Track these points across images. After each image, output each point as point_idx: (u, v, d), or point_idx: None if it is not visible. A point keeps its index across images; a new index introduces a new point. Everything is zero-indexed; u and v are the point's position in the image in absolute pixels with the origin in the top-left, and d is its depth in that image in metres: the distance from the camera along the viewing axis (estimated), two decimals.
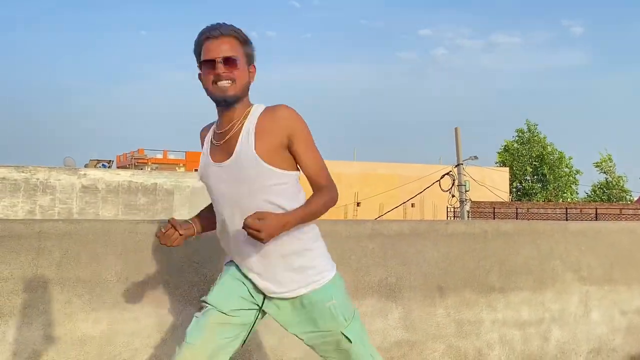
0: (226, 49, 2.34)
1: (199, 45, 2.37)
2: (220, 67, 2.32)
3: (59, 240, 2.99)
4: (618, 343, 4.33)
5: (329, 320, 2.36)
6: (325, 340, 2.39)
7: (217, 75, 2.32)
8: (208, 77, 2.34)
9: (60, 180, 20.50)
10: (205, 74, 2.35)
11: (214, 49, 2.33)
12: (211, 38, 2.35)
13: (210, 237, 3.22)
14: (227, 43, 2.35)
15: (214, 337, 2.32)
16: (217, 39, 2.34)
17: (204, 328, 2.33)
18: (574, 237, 4.29)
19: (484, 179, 31.71)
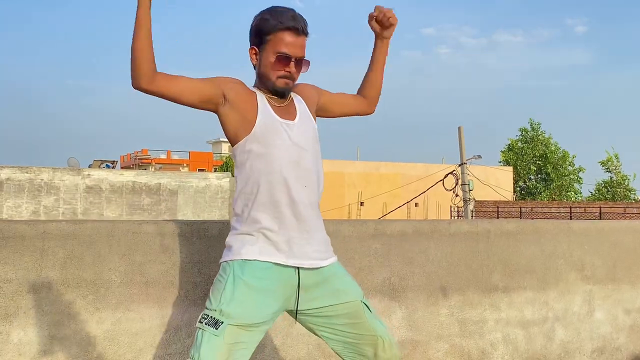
0: (303, 49, 2.37)
1: (273, 29, 2.33)
2: (293, 66, 2.34)
3: (63, 241, 3.00)
4: (622, 342, 4.32)
5: (351, 289, 2.43)
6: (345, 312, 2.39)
7: (286, 73, 2.34)
8: (276, 70, 2.35)
9: (64, 180, 20.54)
10: (275, 65, 2.34)
11: (295, 46, 2.34)
12: (293, 31, 2.33)
13: (214, 238, 3.23)
14: (303, 42, 2.37)
15: (233, 352, 2.25)
16: (299, 35, 2.34)
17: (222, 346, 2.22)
18: (578, 236, 4.29)
19: (487, 178, 31.68)
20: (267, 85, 2.38)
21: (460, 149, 21.72)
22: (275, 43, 2.32)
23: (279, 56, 2.32)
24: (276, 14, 2.33)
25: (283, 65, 2.33)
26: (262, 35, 2.35)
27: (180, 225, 3.24)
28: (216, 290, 2.32)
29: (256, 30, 2.36)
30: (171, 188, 22.06)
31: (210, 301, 2.30)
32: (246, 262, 2.32)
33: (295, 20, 2.33)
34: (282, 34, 2.31)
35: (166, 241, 3.17)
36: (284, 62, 2.33)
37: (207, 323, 2.24)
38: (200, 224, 3.29)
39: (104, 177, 21.20)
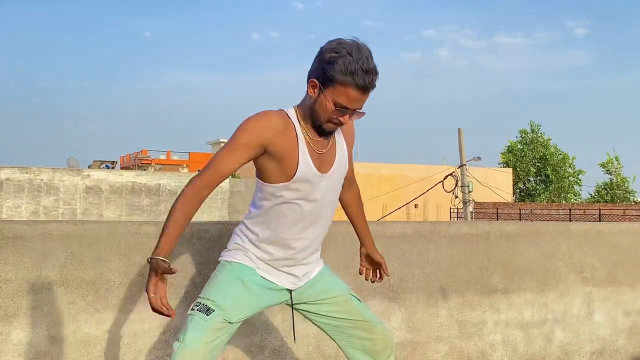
0: (364, 102, 2.31)
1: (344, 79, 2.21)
2: (348, 117, 2.31)
3: (63, 241, 3.00)
4: (621, 344, 4.32)
5: (337, 286, 2.63)
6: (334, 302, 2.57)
7: (339, 122, 2.32)
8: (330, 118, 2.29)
9: (64, 181, 20.55)
10: (331, 114, 2.28)
11: (357, 101, 2.27)
12: (362, 89, 2.24)
13: (213, 239, 3.23)
14: (366, 99, 2.30)
15: (215, 341, 2.33)
16: (366, 92, 2.27)
17: (207, 331, 2.31)
18: (577, 238, 4.29)
19: (487, 179, 31.69)
20: (315, 124, 2.33)
21: (460, 150, 21.72)
22: (339, 93, 2.24)
23: (339, 109, 2.27)
24: (354, 60, 2.20)
25: (339, 115, 2.29)
26: (329, 77, 2.23)
27: None
28: (212, 283, 2.43)
29: (326, 65, 2.23)
30: (171, 189, 22.06)
31: (205, 291, 2.41)
32: (247, 267, 2.46)
33: (367, 74, 2.21)
34: (349, 90, 2.23)
35: None
36: (341, 113, 2.29)
37: (198, 309, 2.34)
38: (200, 225, 3.29)
39: (104, 177, 21.20)
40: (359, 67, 2.20)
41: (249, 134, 2.25)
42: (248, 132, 2.26)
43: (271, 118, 2.29)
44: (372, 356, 2.61)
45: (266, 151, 2.29)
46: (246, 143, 2.25)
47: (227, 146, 2.29)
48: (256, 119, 2.28)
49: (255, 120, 2.27)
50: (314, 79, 2.27)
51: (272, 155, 2.30)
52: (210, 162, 2.30)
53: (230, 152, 2.27)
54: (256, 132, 2.26)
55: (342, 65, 2.20)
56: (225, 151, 2.28)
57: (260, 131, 2.25)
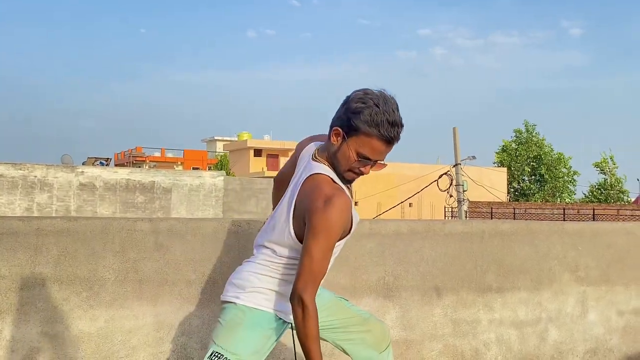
0: (386, 154, 2.30)
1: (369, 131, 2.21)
2: (369, 169, 2.31)
3: (57, 237, 2.99)
4: (615, 343, 4.33)
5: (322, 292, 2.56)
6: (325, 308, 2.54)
7: (360, 172, 2.31)
8: (351, 165, 2.28)
9: (57, 177, 20.49)
10: (352, 163, 2.27)
11: (381, 153, 2.27)
12: (387, 141, 2.24)
13: (208, 236, 3.23)
14: (389, 150, 2.30)
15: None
16: (391, 145, 2.27)
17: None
18: (571, 237, 4.30)
19: (481, 179, 31.74)
20: (336, 171, 2.33)
21: (455, 149, 21.75)
22: (363, 144, 2.24)
23: (362, 159, 2.27)
24: (377, 114, 2.20)
25: (360, 165, 2.29)
26: (355, 124, 2.22)
27: (175, 223, 3.23)
28: (233, 333, 2.31)
29: (352, 115, 2.23)
30: (165, 186, 22.02)
31: (226, 341, 2.29)
32: (267, 314, 2.36)
33: (392, 127, 2.22)
34: (374, 141, 2.23)
35: (160, 239, 3.16)
36: (363, 164, 2.29)
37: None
38: (195, 222, 3.28)
39: (98, 174, 21.14)
40: (385, 119, 2.20)
41: (341, 231, 2.25)
42: (339, 229, 2.24)
43: (348, 204, 2.25)
44: (374, 347, 2.63)
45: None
46: (337, 239, 2.26)
47: (322, 247, 2.20)
48: (342, 212, 2.22)
49: (342, 214, 2.23)
50: (338, 127, 2.26)
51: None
52: (313, 264, 2.20)
53: (328, 253, 2.23)
54: (345, 226, 2.27)
55: (368, 116, 2.19)
56: (323, 252, 2.21)
57: (347, 223, 2.28)
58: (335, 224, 2.20)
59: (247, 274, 2.37)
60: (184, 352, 3.14)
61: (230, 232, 3.30)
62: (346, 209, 2.23)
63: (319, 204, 2.19)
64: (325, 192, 2.22)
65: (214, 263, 3.22)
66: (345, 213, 2.22)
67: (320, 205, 2.19)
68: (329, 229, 2.19)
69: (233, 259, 3.22)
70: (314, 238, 2.18)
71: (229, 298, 2.36)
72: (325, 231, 2.18)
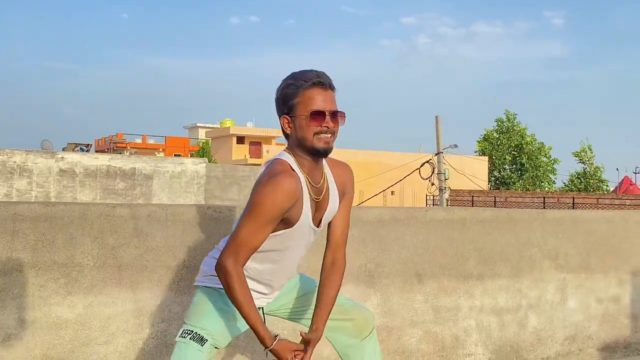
0: (334, 102, 2.31)
1: (298, 90, 2.27)
2: (329, 120, 2.29)
3: (35, 223, 2.94)
4: (593, 330, 4.37)
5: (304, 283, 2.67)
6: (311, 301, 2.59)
7: (323, 128, 2.28)
8: (311, 128, 2.28)
9: (37, 163, 20.27)
10: (311, 124, 2.27)
11: (325, 101, 2.28)
12: (320, 86, 2.28)
13: (188, 223, 3.20)
14: (332, 95, 2.32)
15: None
16: (324, 89, 2.29)
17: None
18: (552, 225, 4.32)
19: (463, 167, 31.87)
20: (307, 148, 2.31)
21: (437, 138, 21.80)
22: (305, 103, 2.27)
23: (313, 113, 2.27)
24: (298, 76, 2.31)
25: (319, 122, 2.28)
26: (291, 100, 2.29)
27: (155, 209, 3.20)
28: (201, 310, 2.40)
29: (283, 98, 2.31)
30: (146, 173, 21.86)
31: (195, 318, 2.38)
32: None
33: (319, 76, 2.29)
34: (310, 92, 2.27)
35: (140, 225, 3.12)
36: (319, 118, 2.28)
37: (191, 338, 2.34)
38: (175, 208, 3.25)
39: (78, 160, 20.93)
40: (305, 72, 2.30)
41: (274, 210, 2.23)
42: (273, 208, 2.22)
43: (290, 185, 2.24)
44: (355, 335, 2.63)
45: (282, 218, 2.29)
46: (270, 220, 2.24)
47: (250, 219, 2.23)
48: (279, 191, 2.22)
49: (279, 194, 2.22)
50: (282, 116, 2.33)
51: (283, 219, 2.30)
52: (238, 235, 2.24)
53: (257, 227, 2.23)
54: (279, 206, 2.23)
55: (293, 82, 2.30)
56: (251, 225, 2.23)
57: (283, 203, 2.24)
58: (268, 201, 2.21)
59: (210, 260, 2.48)
60: (163, 338, 3.11)
61: (211, 219, 3.27)
62: (287, 191, 2.22)
63: (263, 180, 2.25)
64: (273, 171, 2.27)
65: (194, 249, 3.19)
66: (283, 194, 2.22)
67: (263, 181, 2.25)
68: (259, 204, 2.22)
69: (214, 246, 3.19)
70: (245, 210, 2.26)
71: (197, 282, 2.49)
72: (256, 205, 2.22)
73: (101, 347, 3.02)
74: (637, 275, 4.56)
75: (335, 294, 2.51)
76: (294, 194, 2.25)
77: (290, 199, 2.24)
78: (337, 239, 2.55)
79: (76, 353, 2.97)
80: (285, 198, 2.23)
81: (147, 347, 3.10)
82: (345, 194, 2.52)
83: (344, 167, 2.53)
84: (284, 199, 2.22)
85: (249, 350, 3.33)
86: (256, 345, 3.33)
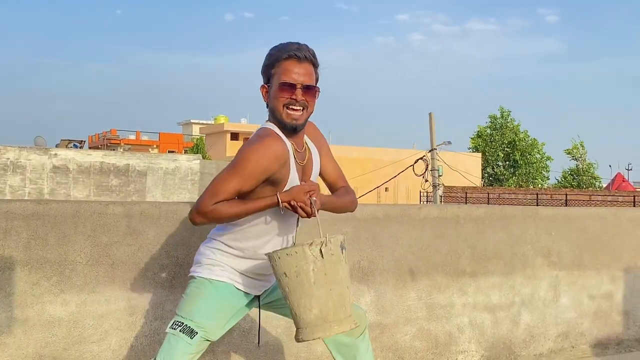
0: (308, 76, 2.33)
1: (276, 61, 2.33)
2: (299, 93, 2.31)
3: (27, 221, 2.93)
4: (586, 327, 4.39)
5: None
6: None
7: (292, 100, 2.30)
8: (281, 99, 2.31)
9: (30, 160, 20.19)
10: (280, 95, 2.31)
11: (297, 74, 2.31)
12: (294, 59, 2.31)
13: (182, 220, 3.19)
14: (308, 69, 2.34)
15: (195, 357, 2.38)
16: (300, 62, 2.32)
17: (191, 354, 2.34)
18: (545, 222, 4.33)
19: (456, 164, 31.92)
20: (278, 120, 2.35)
21: (431, 134, 21.81)
22: (279, 74, 2.32)
23: (282, 84, 2.30)
24: (280, 47, 2.35)
25: (288, 94, 2.31)
26: (269, 70, 2.35)
27: (148, 207, 3.19)
28: (192, 302, 2.38)
29: (264, 68, 2.38)
30: (140, 169, 21.79)
31: (186, 310, 2.37)
32: (226, 285, 2.41)
33: (298, 49, 2.32)
34: (285, 63, 2.31)
35: (133, 223, 3.12)
36: (289, 90, 2.31)
37: (181, 330, 2.33)
38: (169, 205, 3.24)
39: (72, 157, 20.84)
40: (287, 44, 2.35)
41: (258, 168, 2.24)
42: (257, 166, 2.24)
43: (277, 148, 2.27)
44: (349, 335, 2.61)
45: (267, 179, 2.29)
46: (252, 176, 2.25)
47: (232, 171, 2.25)
48: (264, 150, 2.24)
49: (264, 151, 2.24)
50: (262, 85, 2.40)
51: (268, 181, 2.30)
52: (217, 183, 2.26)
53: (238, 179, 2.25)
54: (264, 166, 2.25)
55: (272, 54, 2.35)
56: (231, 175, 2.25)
57: (268, 165, 2.25)
58: (253, 158, 2.23)
59: (203, 248, 2.47)
60: (156, 336, 3.11)
61: None
62: (273, 154, 2.25)
63: (251, 141, 2.29)
64: (261, 135, 2.30)
65: (187, 247, 3.18)
66: (269, 156, 2.24)
67: (251, 142, 2.29)
68: (244, 159, 2.24)
69: None
70: (228, 165, 2.28)
71: (192, 272, 2.46)
72: (240, 160, 2.25)
73: (94, 345, 3.01)
74: (629, 272, 4.58)
75: (344, 196, 2.57)
76: (281, 157, 2.28)
77: (276, 162, 2.26)
78: (334, 175, 2.61)
79: (69, 351, 2.97)
80: (272, 160, 2.25)
81: (140, 345, 3.10)
82: (321, 144, 2.57)
83: (311, 125, 2.56)
84: (271, 160, 2.25)
85: (242, 348, 3.33)
86: (250, 343, 3.33)
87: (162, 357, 2.32)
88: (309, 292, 2.17)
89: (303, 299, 2.18)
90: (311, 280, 2.16)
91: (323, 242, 2.16)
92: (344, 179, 2.65)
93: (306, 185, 2.30)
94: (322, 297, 2.17)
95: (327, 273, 2.16)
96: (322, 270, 2.16)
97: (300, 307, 2.19)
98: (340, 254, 2.20)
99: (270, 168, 2.26)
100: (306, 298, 2.18)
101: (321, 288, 2.16)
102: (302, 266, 2.15)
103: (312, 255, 2.15)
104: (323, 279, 2.16)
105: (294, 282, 2.18)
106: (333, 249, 2.18)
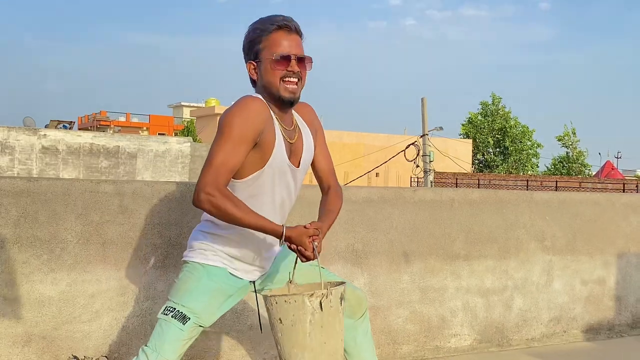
0: (300, 47, 2.28)
1: (263, 34, 2.25)
2: (295, 65, 2.25)
3: (17, 198, 2.88)
4: (578, 312, 4.39)
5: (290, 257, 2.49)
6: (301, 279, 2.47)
7: (289, 72, 2.24)
8: (277, 72, 2.24)
9: (19, 140, 20.02)
10: (276, 67, 2.24)
11: (290, 45, 2.25)
12: (285, 29, 2.25)
13: (175, 200, 3.15)
14: (298, 40, 2.29)
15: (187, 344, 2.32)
16: (289, 33, 2.26)
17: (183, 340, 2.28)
18: (539, 207, 4.32)
19: (447, 149, 31.99)
20: (273, 95, 2.27)
21: (423, 120, 21.79)
22: (270, 47, 2.25)
23: (281, 56, 2.24)
24: (264, 20, 2.28)
25: (284, 66, 2.24)
26: (256, 45, 2.27)
27: (141, 185, 3.15)
28: (185, 288, 2.32)
29: (249, 44, 2.29)
30: (130, 151, 21.66)
31: (178, 295, 2.31)
32: (219, 269, 2.35)
33: (285, 20, 2.27)
34: (275, 35, 2.25)
35: (125, 201, 3.07)
36: (284, 62, 2.24)
37: (173, 316, 2.26)
38: (161, 185, 3.20)
39: (61, 137, 20.68)
40: (272, 16, 2.29)
41: (245, 128, 2.17)
42: (244, 125, 2.17)
43: (257, 107, 2.21)
44: (350, 315, 2.55)
45: (256, 143, 2.22)
46: (242, 138, 2.18)
47: (222, 141, 2.17)
48: (244, 109, 2.19)
49: (245, 111, 2.19)
50: (249, 62, 2.31)
51: (256, 146, 2.23)
52: (213, 159, 2.16)
53: (231, 147, 2.17)
54: (250, 123, 2.18)
55: (258, 26, 2.28)
56: (223, 146, 2.17)
57: (253, 121, 2.19)
58: (236, 120, 2.18)
59: (196, 233, 2.41)
60: (148, 316, 3.08)
61: None
62: (253, 109, 2.20)
63: (230, 106, 2.23)
64: (236, 101, 2.24)
65: (180, 227, 3.14)
66: (250, 112, 2.19)
67: (230, 107, 2.22)
68: (228, 124, 2.18)
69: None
70: (216, 137, 2.20)
71: (185, 257, 2.40)
72: (225, 126, 2.19)
73: (85, 325, 2.98)
74: (622, 257, 4.58)
75: (337, 207, 2.48)
76: (263, 113, 2.22)
77: (259, 117, 2.20)
78: (325, 168, 2.54)
79: (59, 331, 2.93)
80: (254, 115, 2.20)
81: (131, 325, 3.06)
82: (317, 130, 2.50)
83: (305, 106, 2.49)
84: (253, 116, 2.19)
85: (234, 329, 3.31)
86: (242, 324, 3.31)
87: (153, 343, 2.25)
88: (302, 343, 2.11)
89: (295, 348, 2.12)
90: (307, 332, 2.10)
91: (324, 294, 2.09)
92: (334, 174, 2.58)
93: (310, 229, 2.24)
94: (314, 349, 2.11)
95: (323, 326, 2.10)
96: (319, 323, 2.10)
97: (291, 356, 2.14)
98: (339, 306, 2.15)
99: (256, 125, 2.19)
100: (298, 348, 2.11)
101: (315, 341, 2.10)
102: (299, 316, 2.09)
103: (311, 307, 2.08)
104: (319, 331, 2.10)
105: (288, 330, 2.12)
106: (333, 301, 2.12)
